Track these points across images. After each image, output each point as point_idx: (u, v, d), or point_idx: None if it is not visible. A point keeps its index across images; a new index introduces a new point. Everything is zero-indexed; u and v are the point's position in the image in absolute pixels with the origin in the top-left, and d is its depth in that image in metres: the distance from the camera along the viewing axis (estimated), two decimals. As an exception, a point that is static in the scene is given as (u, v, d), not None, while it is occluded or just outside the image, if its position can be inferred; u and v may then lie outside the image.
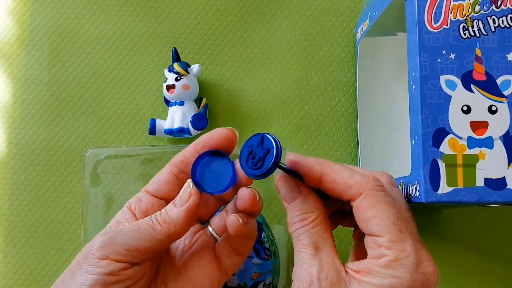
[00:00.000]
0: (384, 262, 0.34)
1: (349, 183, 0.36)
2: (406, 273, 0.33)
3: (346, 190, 0.36)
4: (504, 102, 0.41)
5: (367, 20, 0.57)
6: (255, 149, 0.35)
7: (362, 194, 0.35)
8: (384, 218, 0.34)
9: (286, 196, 0.38)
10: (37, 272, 0.57)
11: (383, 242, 0.34)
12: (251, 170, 0.35)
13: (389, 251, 0.34)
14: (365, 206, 0.35)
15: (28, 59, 0.61)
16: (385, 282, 0.33)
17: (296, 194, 0.37)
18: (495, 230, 0.58)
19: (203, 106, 0.58)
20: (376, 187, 0.35)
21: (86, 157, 0.56)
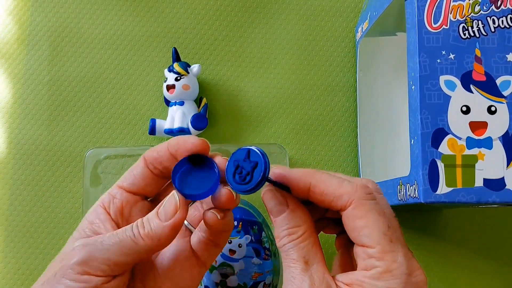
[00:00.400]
0: (376, 274, 0.33)
1: (338, 193, 0.35)
2: (399, 284, 0.33)
3: (335, 200, 0.35)
4: (504, 102, 0.41)
5: (367, 20, 0.57)
6: (242, 163, 0.34)
7: (351, 204, 0.34)
8: (375, 228, 0.34)
9: (273, 210, 0.36)
10: (37, 272, 0.57)
11: (374, 253, 0.33)
12: (239, 185, 0.34)
13: (380, 262, 0.33)
14: (354, 216, 0.34)
15: (28, 59, 0.61)
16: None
17: (283, 208, 0.36)
18: (494, 230, 0.58)
19: (203, 106, 0.58)
20: (366, 196, 0.35)
21: (86, 157, 0.56)
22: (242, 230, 0.50)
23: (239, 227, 0.50)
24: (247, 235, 0.50)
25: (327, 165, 0.60)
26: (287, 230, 0.35)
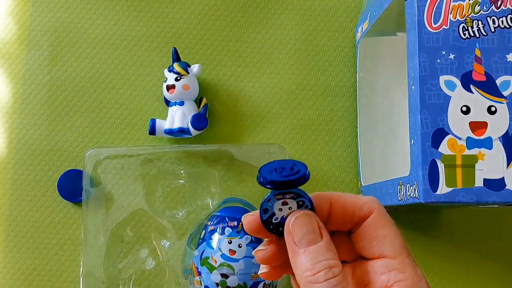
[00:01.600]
0: (399, 287, 0.31)
1: (359, 203, 0.33)
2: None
3: (358, 210, 0.33)
4: (504, 102, 0.41)
5: (367, 20, 0.57)
6: (280, 167, 0.32)
7: (373, 211, 0.33)
8: (396, 239, 0.33)
9: (305, 238, 0.32)
10: (37, 272, 0.57)
11: (396, 265, 0.32)
12: (275, 174, 0.31)
13: (403, 275, 0.31)
14: (376, 225, 0.33)
15: (28, 59, 0.61)
16: None
17: (317, 236, 0.32)
18: (494, 230, 0.58)
19: (203, 106, 0.58)
20: (383, 207, 0.34)
21: (86, 157, 0.56)
22: (242, 230, 0.50)
23: (239, 227, 0.50)
24: (247, 235, 0.50)
25: (327, 165, 0.60)
26: (326, 262, 0.31)
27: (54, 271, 0.57)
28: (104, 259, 0.55)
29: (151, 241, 0.56)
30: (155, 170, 0.57)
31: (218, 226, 0.51)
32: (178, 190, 0.58)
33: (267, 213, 0.32)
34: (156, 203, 0.57)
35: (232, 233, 0.50)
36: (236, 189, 0.57)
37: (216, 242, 0.50)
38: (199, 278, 0.50)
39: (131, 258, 0.56)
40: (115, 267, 0.55)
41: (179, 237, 0.56)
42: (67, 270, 0.57)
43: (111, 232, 0.56)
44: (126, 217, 0.56)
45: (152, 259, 0.56)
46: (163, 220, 0.56)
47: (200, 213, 0.56)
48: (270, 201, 0.32)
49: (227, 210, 0.52)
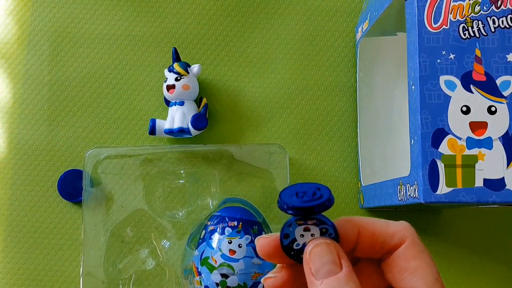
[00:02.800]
0: None
1: (390, 231, 0.31)
2: None
3: (388, 239, 0.31)
4: (504, 102, 0.41)
5: (367, 20, 0.57)
6: (303, 190, 0.30)
7: (405, 241, 0.31)
8: (429, 271, 0.30)
9: (322, 269, 0.30)
10: (37, 272, 0.57)
11: None
12: (296, 199, 0.29)
13: None
14: (408, 255, 0.31)
15: (28, 59, 0.61)
16: None
17: (337, 268, 0.30)
18: (494, 230, 0.58)
19: (203, 106, 0.58)
20: (416, 234, 0.31)
21: (86, 157, 0.56)
22: (242, 230, 0.50)
23: (239, 227, 0.50)
24: (247, 235, 0.50)
25: (327, 165, 0.60)
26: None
27: (54, 271, 0.57)
28: (104, 259, 0.55)
29: (151, 241, 0.56)
30: (155, 170, 0.57)
31: (218, 226, 0.51)
32: (178, 190, 0.58)
33: (287, 239, 0.30)
34: (156, 203, 0.57)
35: (232, 233, 0.50)
36: (236, 189, 0.57)
37: (216, 242, 0.50)
38: (199, 278, 0.50)
39: (131, 258, 0.56)
40: (115, 267, 0.55)
41: (179, 237, 0.56)
42: (67, 270, 0.57)
43: (111, 232, 0.56)
44: (126, 217, 0.56)
45: (152, 259, 0.56)
46: (163, 220, 0.56)
47: (200, 213, 0.56)
48: (291, 226, 0.30)
49: (227, 210, 0.52)
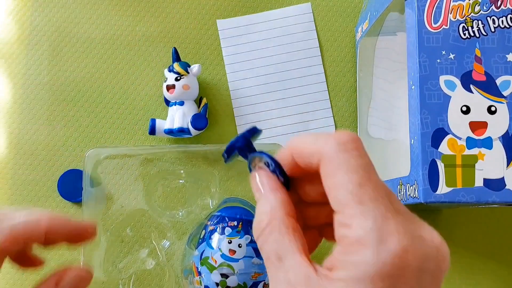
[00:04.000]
0: (346, 247, 0.26)
1: (311, 150, 0.28)
2: (370, 257, 0.25)
3: (311, 159, 0.29)
4: (504, 102, 0.41)
5: (367, 20, 0.57)
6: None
7: (321, 160, 0.28)
8: (341, 188, 0.27)
9: (255, 197, 0.31)
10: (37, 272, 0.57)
11: (342, 220, 0.27)
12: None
13: (348, 231, 0.26)
14: (324, 174, 0.28)
15: (28, 59, 0.61)
16: (350, 274, 0.25)
17: (257, 194, 0.31)
18: (494, 230, 0.58)
19: (203, 106, 0.58)
20: (337, 147, 0.28)
21: (86, 157, 0.56)
22: (242, 230, 0.50)
23: (239, 227, 0.50)
24: (247, 235, 0.50)
25: (327, 165, 0.60)
26: (255, 221, 0.30)
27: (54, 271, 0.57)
28: (104, 259, 0.55)
29: (151, 241, 0.56)
30: (155, 170, 0.57)
31: (218, 226, 0.51)
32: (178, 190, 0.58)
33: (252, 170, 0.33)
34: (156, 203, 0.57)
35: (232, 233, 0.50)
36: (236, 189, 0.57)
37: (216, 242, 0.50)
38: (199, 278, 0.50)
39: (131, 258, 0.56)
40: (115, 267, 0.55)
41: (179, 237, 0.56)
42: (67, 270, 0.57)
43: (111, 232, 0.56)
44: (126, 217, 0.56)
45: (152, 259, 0.56)
46: (163, 220, 0.56)
47: (200, 213, 0.56)
48: (248, 165, 0.33)
49: (227, 210, 0.52)
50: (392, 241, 0.26)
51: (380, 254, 0.25)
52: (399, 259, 0.26)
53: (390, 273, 0.25)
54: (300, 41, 0.62)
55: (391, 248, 0.26)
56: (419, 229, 0.28)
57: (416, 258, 0.27)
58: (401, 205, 0.28)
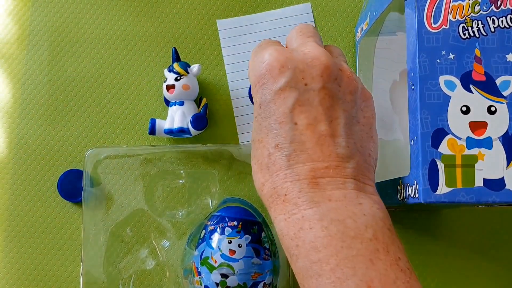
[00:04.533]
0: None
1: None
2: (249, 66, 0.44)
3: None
4: (503, 102, 0.41)
5: (367, 20, 0.57)
6: None
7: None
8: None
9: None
10: (37, 272, 0.57)
11: None
12: None
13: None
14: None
15: (28, 59, 0.61)
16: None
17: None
18: (494, 230, 0.58)
19: (203, 106, 0.58)
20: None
21: (86, 157, 0.56)
22: (242, 230, 0.50)
23: (239, 227, 0.50)
24: (247, 235, 0.50)
25: (327, 165, 0.60)
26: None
27: (54, 271, 0.57)
28: (104, 259, 0.55)
29: (151, 241, 0.56)
30: (155, 170, 0.57)
31: (218, 226, 0.51)
32: (178, 190, 0.58)
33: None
34: (156, 203, 0.57)
35: (232, 233, 0.50)
36: (236, 189, 0.58)
37: (216, 242, 0.50)
38: (199, 278, 0.50)
39: (131, 258, 0.56)
40: (115, 267, 0.55)
41: (179, 237, 0.56)
42: (67, 270, 0.57)
43: (111, 232, 0.56)
44: (126, 217, 0.56)
45: (152, 259, 0.56)
46: (163, 220, 0.56)
47: (200, 213, 0.56)
48: None
49: (227, 210, 0.52)
50: (260, 56, 0.41)
51: (256, 64, 0.42)
52: (264, 65, 0.40)
53: (262, 74, 0.41)
54: (300, 41, 0.62)
55: (258, 60, 0.41)
56: (301, 46, 0.42)
57: (279, 61, 0.40)
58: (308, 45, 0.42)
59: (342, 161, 0.38)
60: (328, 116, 0.39)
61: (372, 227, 0.36)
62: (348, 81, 0.41)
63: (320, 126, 0.39)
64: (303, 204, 0.37)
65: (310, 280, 0.36)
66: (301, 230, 0.36)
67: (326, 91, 0.40)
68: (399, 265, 0.35)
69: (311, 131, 0.38)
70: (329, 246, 0.35)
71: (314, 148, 0.38)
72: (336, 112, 0.40)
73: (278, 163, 0.38)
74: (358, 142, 0.40)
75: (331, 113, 0.39)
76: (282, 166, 0.38)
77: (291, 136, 0.38)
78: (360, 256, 0.34)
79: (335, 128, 0.39)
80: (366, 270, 0.34)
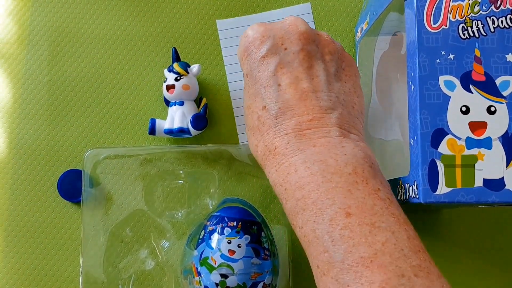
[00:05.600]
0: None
1: None
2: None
3: None
4: (503, 102, 0.41)
5: (367, 20, 0.57)
6: None
7: None
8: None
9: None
10: (37, 272, 0.57)
11: None
12: None
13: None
14: None
15: (28, 59, 0.61)
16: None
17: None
18: (494, 230, 0.58)
19: (203, 106, 0.58)
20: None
21: (86, 157, 0.56)
22: (241, 230, 0.50)
23: (239, 227, 0.50)
24: (247, 235, 0.50)
25: (327, 165, 0.60)
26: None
27: (54, 271, 0.57)
28: (103, 259, 0.55)
29: (151, 241, 0.56)
30: (154, 170, 0.57)
31: (218, 226, 0.51)
32: (178, 190, 0.58)
33: None
34: (155, 203, 0.57)
35: (231, 233, 0.50)
36: (236, 189, 0.57)
37: (216, 242, 0.50)
38: (198, 278, 0.50)
39: (131, 258, 0.56)
40: (115, 267, 0.55)
41: (179, 237, 0.56)
42: (67, 270, 0.57)
43: (110, 232, 0.56)
44: (126, 217, 0.56)
45: (151, 259, 0.56)
46: (162, 220, 0.56)
47: (199, 214, 0.56)
48: None
49: (226, 210, 0.52)
50: (245, 32, 0.47)
51: (242, 41, 0.46)
52: (248, 38, 0.46)
53: (246, 47, 0.45)
54: (300, 41, 0.62)
55: (243, 35, 0.47)
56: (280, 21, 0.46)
57: (259, 32, 0.45)
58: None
59: (326, 113, 0.41)
60: (309, 74, 0.43)
61: (352, 164, 0.39)
62: (325, 43, 0.45)
63: (302, 83, 0.42)
64: (290, 154, 0.40)
65: (297, 216, 0.39)
66: (288, 175, 0.40)
67: (305, 52, 0.43)
68: (378, 194, 0.37)
69: (294, 89, 0.42)
70: (311, 183, 0.38)
71: (298, 104, 0.41)
72: (316, 71, 0.43)
73: (267, 123, 0.42)
74: (341, 96, 0.43)
75: (311, 72, 0.43)
76: (270, 125, 0.42)
77: (276, 97, 0.42)
78: (339, 188, 0.37)
79: (316, 84, 0.42)
80: (344, 199, 0.36)
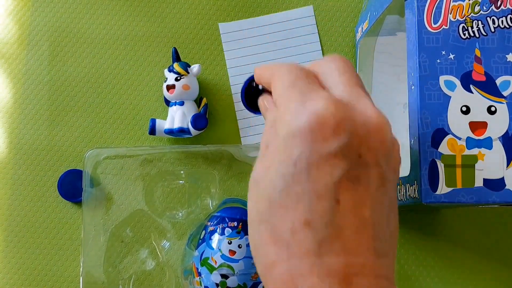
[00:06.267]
0: (269, 123, 0.35)
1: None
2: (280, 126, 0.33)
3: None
4: (503, 102, 0.41)
5: (367, 20, 0.57)
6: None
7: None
8: (278, 82, 0.35)
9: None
10: (37, 272, 0.57)
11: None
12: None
13: (272, 114, 0.36)
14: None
15: (28, 59, 0.61)
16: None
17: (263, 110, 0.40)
18: (494, 230, 0.58)
19: (203, 106, 0.58)
20: (286, 75, 0.35)
21: (86, 157, 0.56)
22: (242, 230, 0.50)
23: (239, 228, 0.50)
24: (247, 235, 0.50)
25: (327, 165, 0.60)
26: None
27: (54, 271, 0.57)
28: (104, 259, 0.55)
29: (151, 242, 0.56)
30: (155, 170, 0.57)
31: (218, 227, 0.51)
32: (178, 190, 0.58)
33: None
34: (155, 204, 0.57)
35: (232, 234, 0.50)
36: (236, 189, 0.57)
37: (216, 242, 0.50)
38: (199, 279, 0.50)
39: (131, 258, 0.56)
40: (115, 267, 0.55)
41: (179, 237, 0.56)
42: (67, 270, 0.57)
43: (110, 232, 0.56)
44: (126, 218, 0.56)
45: (152, 260, 0.56)
46: (163, 221, 0.56)
47: (200, 214, 0.56)
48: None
49: (227, 210, 0.52)
50: (310, 104, 0.31)
51: (298, 109, 0.32)
52: (315, 117, 0.31)
53: (309, 128, 0.31)
54: (302, 44, 0.62)
55: (308, 109, 0.31)
56: (355, 100, 0.33)
57: (335, 118, 0.31)
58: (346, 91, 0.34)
59: (378, 258, 0.31)
60: (375, 199, 0.32)
61: None
62: (395, 158, 0.35)
63: (364, 211, 0.31)
64: None
65: None
66: None
67: (379, 168, 0.32)
68: None
69: (354, 215, 0.31)
70: None
71: (352, 236, 0.30)
72: (380, 195, 0.32)
73: (304, 245, 0.30)
74: (394, 231, 0.34)
75: (377, 196, 0.32)
76: (309, 251, 0.30)
77: (329, 217, 0.30)
78: None
79: (378, 215, 0.32)
80: None
